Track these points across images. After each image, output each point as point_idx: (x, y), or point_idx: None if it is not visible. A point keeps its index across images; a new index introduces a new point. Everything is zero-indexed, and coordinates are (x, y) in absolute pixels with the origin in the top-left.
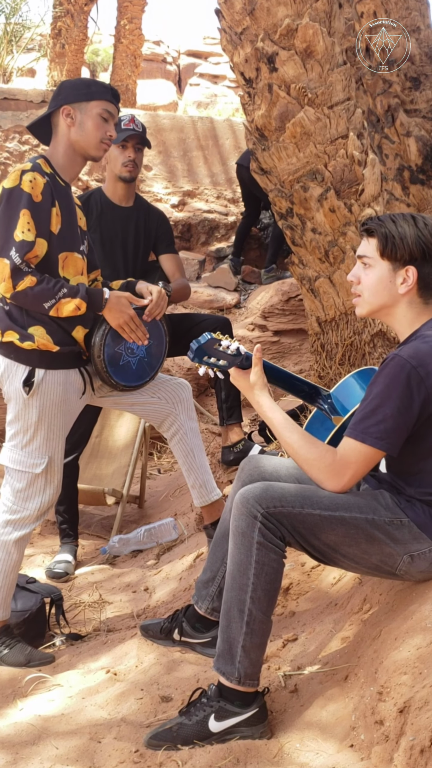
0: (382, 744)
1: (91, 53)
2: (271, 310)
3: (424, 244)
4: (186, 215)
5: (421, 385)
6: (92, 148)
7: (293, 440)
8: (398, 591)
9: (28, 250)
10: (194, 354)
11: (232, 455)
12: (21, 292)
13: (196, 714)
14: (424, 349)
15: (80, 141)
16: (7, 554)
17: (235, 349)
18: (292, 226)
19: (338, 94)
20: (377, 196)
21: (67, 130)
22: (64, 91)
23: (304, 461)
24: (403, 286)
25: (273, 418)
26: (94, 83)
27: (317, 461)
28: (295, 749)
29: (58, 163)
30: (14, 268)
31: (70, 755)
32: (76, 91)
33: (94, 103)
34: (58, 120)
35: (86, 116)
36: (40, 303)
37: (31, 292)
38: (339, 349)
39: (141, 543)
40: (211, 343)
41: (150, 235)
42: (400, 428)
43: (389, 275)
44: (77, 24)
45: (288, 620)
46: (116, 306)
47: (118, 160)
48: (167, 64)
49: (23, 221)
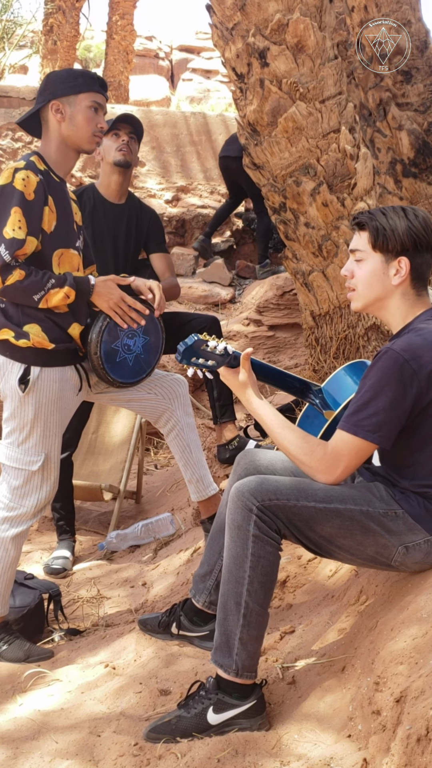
0: (379, 734)
1: (83, 49)
2: (266, 304)
3: (415, 235)
4: (180, 210)
5: (414, 378)
6: (85, 141)
7: (284, 436)
8: (394, 582)
9: (18, 247)
10: (182, 356)
11: (228, 453)
12: (11, 286)
13: (194, 707)
14: (417, 342)
15: (72, 135)
16: (4, 551)
17: (223, 349)
18: (285, 220)
19: (330, 89)
20: (370, 189)
21: (58, 125)
22: (51, 85)
23: (297, 456)
24: (396, 278)
25: (263, 415)
26: (81, 74)
27: (309, 455)
28: (294, 740)
29: (52, 158)
30: (3, 264)
31: (70, 749)
32: (63, 84)
33: (82, 95)
34: (47, 115)
35: (76, 110)
36: (29, 296)
37: (20, 285)
38: (333, 343)
39: (138, 538)
40: (198, 344)
41: (141, 233)
42: (392, 421)
43: (382, 267)
44: (69, 20)
45: (285, 612)
46: (104, 289)
47: (112, 147)
48: (159, 60)
49: (14, 218)
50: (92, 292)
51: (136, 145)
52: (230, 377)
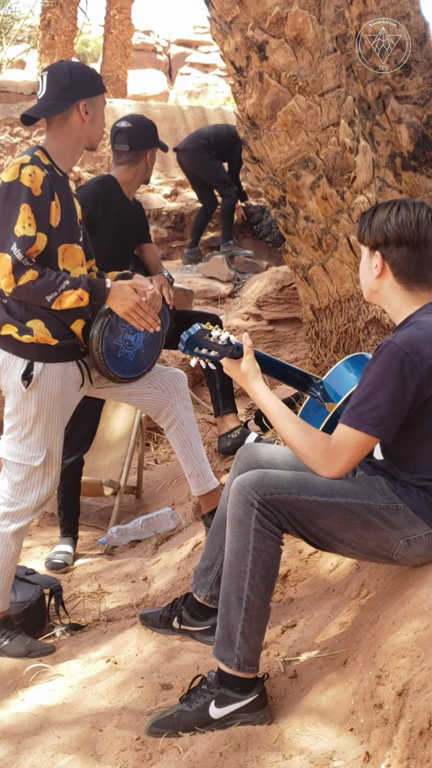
0: (381, 727)
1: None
2: (266, 299)
3: (387, 231)
4: (179, 205)
5: (415, 371)
6: (98, 141)
7: (288, 428)
8: (395, 576)
9: (30, 245)
10: (185, 345)
11: (230, 442)
12: (23, 286)
13: (196, 701)
14: (419, 335)
15: (92, 135)
16: (5, 546)
17: (226, 339)
18: (285, 214)
19: (329, 82)
20: (369, 183)
21: (81, 124)
22: (78, 85)
23: (299, 448)
24: (375, 271)
25: (268, 406)
26: (97, 75)
27: (312, 448)
28: (296, 734)
29: (58, 154)
30: (16, 263)
31: (72, 744)
32: (89, 85)
33: (100, 97)
34: (70, 112)
35: (97, 111)
36: (42, 296)
37: (33, 285)
38: (333, 337)
39: (139, 533)
40: (201, 334)
41: (139, 227)
42: (393, 415)
43: (367, 260)
44: (66, 15)
45: (286, 607)
46: (120, 294)
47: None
48: (157, 54)
49: (24, 216)
50: (107, 296)
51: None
52: (233, 368)
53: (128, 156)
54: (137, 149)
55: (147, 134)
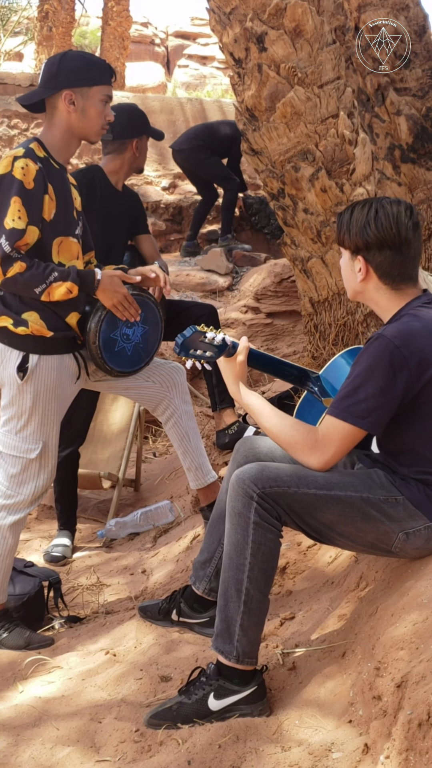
0: (380, 719)
1: (78, 36)
2: (264, 292)
3: (368, 235)
4: (177, 198)
5: (404, 365)
6: (93, 133)
7: (273, 424)
8: (394, 568)
9: (18, 238)
10: (180, 348)
11: (227, 437)
12: (11, 278)
13: (195, 693)
14: (414, 328)
15: (82, 127)
16: (2, 539)
17: (221, 340)
18: (283, 206)
19: (328, 74)
20: (368, 175)
21: (67, 114)
22: (65, 73)
23: (286, 442)
24: (359, 275)
25: (250, 404)
26: (95, 65)
27: (299, 442)
28: (294, 726)
29: (53, 145)
30: (4, 255)
31: (71, 736)
32: (77, 75)
33: (96, 88)
34: (56, 102)
35: (89, 103)
36: (30, 288)
37: (21, 278)
38: (332, 330)
39: (138, 526)
40: (196, 337)
41: (134, 218)
42: (382, 408)
43: (349, 263)
44: (64, 6)
45: (285, 599)
46: (110, 286)
47: (137, 155)
48: (155, 46)
49: (14, 208)
50: (97, 287)
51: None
52: (227, 368)
53: (113, 145)
54: (121, 138)
55: (131, 123)
